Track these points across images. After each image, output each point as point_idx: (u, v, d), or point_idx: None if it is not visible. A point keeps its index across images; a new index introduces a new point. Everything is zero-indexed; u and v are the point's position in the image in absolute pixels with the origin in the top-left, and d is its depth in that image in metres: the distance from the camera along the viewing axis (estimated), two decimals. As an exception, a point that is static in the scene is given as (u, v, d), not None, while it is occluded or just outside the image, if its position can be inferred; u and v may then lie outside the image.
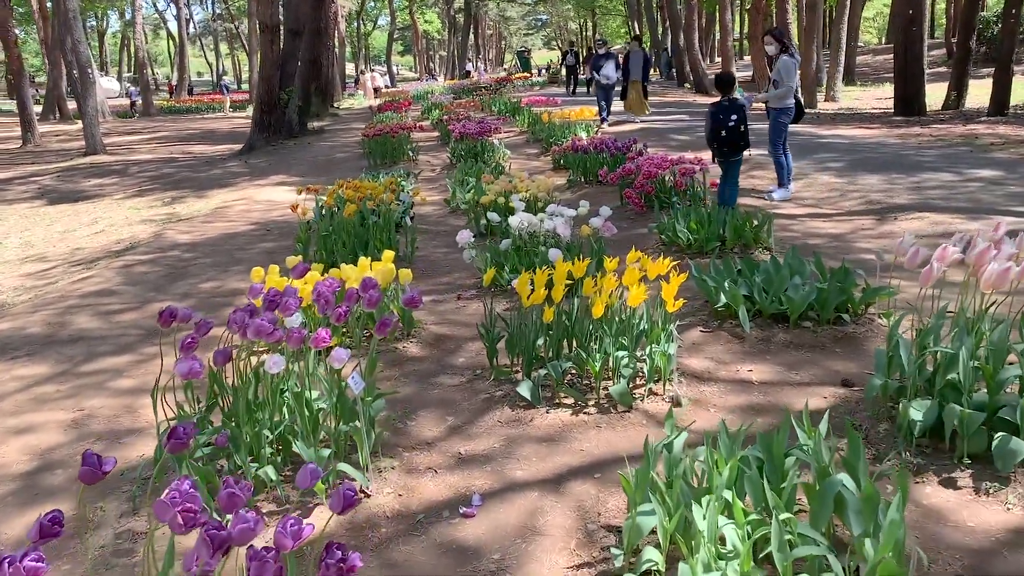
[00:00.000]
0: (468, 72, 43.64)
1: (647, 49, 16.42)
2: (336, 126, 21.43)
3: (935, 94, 16.51)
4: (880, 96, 22.00)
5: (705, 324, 4.56)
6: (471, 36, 52.79)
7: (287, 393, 2.97)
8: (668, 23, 29.95)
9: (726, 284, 4.43)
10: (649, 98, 15.47)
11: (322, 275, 4.54)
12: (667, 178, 7.61)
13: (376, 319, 4.41)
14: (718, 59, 44.60)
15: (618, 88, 15.13)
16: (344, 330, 4.42)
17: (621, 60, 14.87)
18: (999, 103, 15.19)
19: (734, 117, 6.62)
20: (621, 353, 3.53)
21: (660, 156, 7.79)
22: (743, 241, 5.94)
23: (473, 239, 5.26)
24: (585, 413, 3.45)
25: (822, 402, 3.54)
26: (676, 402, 3.51)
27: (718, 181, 7.96)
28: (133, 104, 35.47)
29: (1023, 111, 15.52)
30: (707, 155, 9.91)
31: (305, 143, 16.91)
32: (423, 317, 4.92)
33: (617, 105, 15.67)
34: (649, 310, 3.79)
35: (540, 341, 3.80)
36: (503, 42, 78.11)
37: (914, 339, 3.35)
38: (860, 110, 18.21)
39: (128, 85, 38.59)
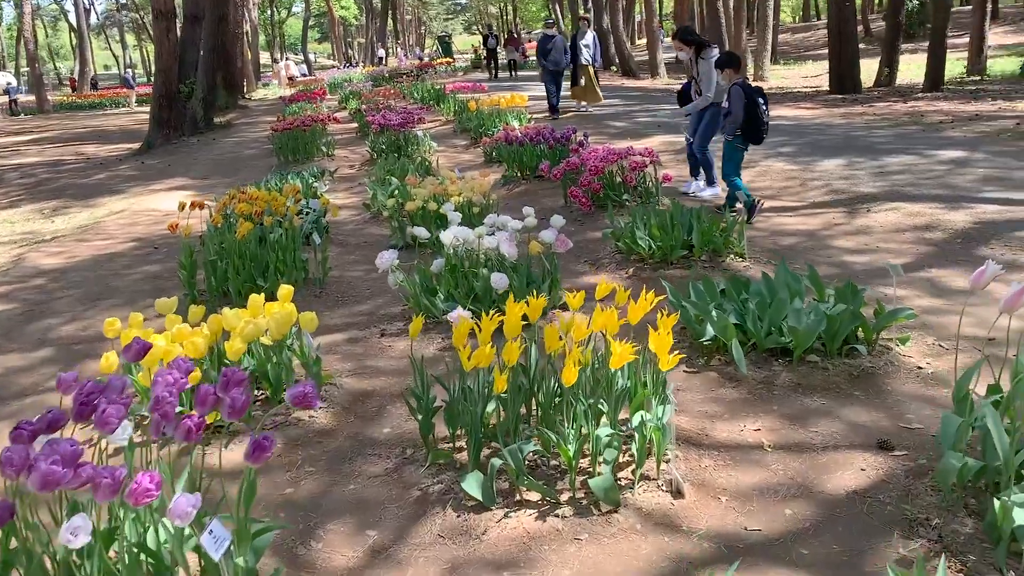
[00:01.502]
0: (381, 58, 42.14)
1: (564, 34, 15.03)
2: (246, 119, 20.01)
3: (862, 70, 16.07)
4: (806, 74, 21.69)
5: (688, 361, 3.69)
6: (389, 22, 51.17)
7: (124, 535, 1.98)
8: (590, 4, 29.14)
9: (713, 312, 3.57)
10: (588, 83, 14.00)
11: (202, 320, 3.55)
12: (615, 173, 6.74)
13: (287, 389, 3.41)
14: (640, 40, 44.17)
15: (566, 73, 13.93)
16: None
17: (569, 43, 13.53)
18: (934, 79, 14.84)
19: (762, 99, 5.92)
20: (604, 432, 2.62)
21: (606, 148, 6.92)
22: (712, 247, 5.11)
23: (397, 259, 4.30)
24: (557, 515, 2.54)
25: (860, 477, 2.70)
26: (677, 490, 2.63)
27: (670, 174, 7.15)
28: (13, 103, 32.76)
29: (957, 87, 15.23)
30: (652, 143, 9.12)
31: (210, 139, 15.54)
32: (337, 365, 3.94)
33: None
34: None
35: (491, 406, 2.87)
36: (423, 27, 76.41)
37: (987, 397, 2.54)
38: (792, 89, 17.75)
39: (9, 81, 35.59)
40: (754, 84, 6.06)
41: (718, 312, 3.57)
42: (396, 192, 6.93)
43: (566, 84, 14.31)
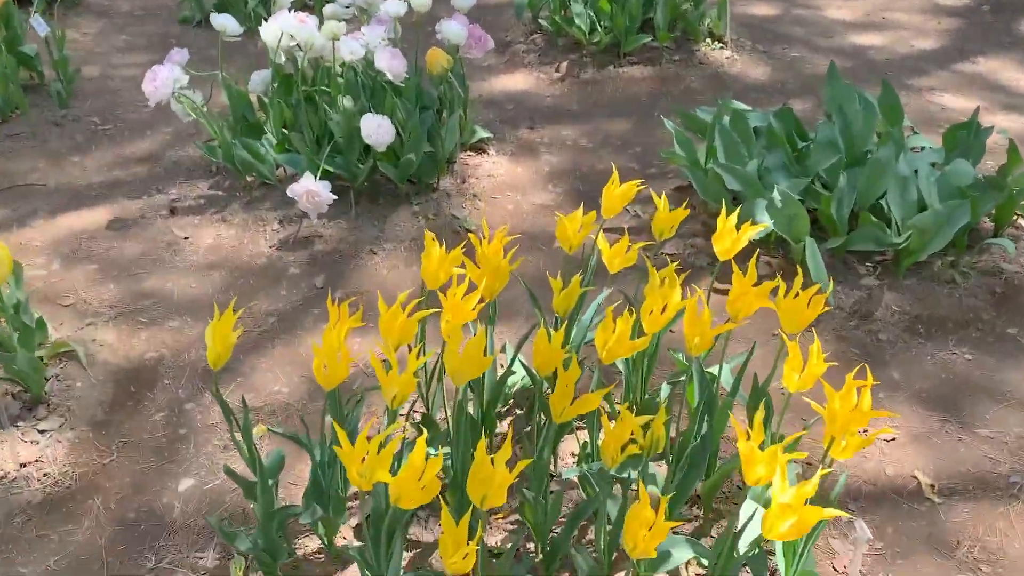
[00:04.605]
0: None
1: None
2: None
3: None
4: None
5: (713, 260, 2.18)
6: None
7: None
8: None
9: (776, 191, 2.02)
10: None
11: None
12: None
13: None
14: None
15: None
16: None
17: None
18: None
19: None
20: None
21: None
22: (684, 27, 3.43)
23: (184, 73, 2.42)
24: None
25: None
26: None
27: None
28: None
29: None
30: None
31: None
32: (89, 294, 2.15)
33: None
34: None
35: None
36: None
37: None
38: None
39: None
40: None
41: (781, 191, 2.02)
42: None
43: None
